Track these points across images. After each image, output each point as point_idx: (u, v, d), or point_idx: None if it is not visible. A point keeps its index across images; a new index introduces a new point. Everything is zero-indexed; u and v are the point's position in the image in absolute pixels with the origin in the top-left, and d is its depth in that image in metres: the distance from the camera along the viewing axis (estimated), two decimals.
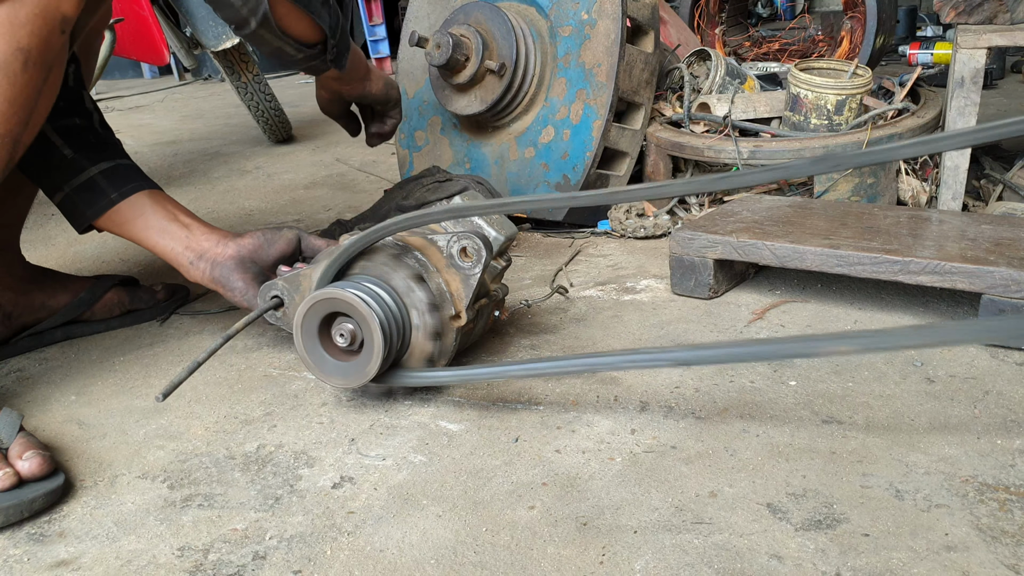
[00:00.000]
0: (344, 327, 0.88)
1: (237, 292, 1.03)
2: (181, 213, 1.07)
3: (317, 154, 2.46)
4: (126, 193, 1.04)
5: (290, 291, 0.96)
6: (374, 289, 0.89)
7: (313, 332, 0.89)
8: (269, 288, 0.97)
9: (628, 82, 1.51)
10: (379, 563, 0.68)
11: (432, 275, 0.91)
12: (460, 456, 0.83)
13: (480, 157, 1.61)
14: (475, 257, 0.90)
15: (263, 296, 0.98)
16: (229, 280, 1.03)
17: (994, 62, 2.77)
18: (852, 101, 1.47)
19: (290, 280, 0.96)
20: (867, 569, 0.64)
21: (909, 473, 0.75)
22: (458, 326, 0.92)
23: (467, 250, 0.90)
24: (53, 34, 0.82)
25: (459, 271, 0.91)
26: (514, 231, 0.99)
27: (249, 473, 0.82)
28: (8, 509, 0.74)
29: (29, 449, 0.79)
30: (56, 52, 0.84)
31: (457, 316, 0.91)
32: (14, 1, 0.78)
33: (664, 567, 0.65)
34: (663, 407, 0.89)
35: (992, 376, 0.92)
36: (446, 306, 0.91)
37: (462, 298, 0.91)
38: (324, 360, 0.90)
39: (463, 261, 0.91)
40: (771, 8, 3.12)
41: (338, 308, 0.88)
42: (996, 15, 1.29)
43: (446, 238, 0.92)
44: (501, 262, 1.02)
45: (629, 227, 1.48)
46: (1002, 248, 1.02)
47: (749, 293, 1.19)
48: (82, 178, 1.04)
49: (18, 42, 0.79)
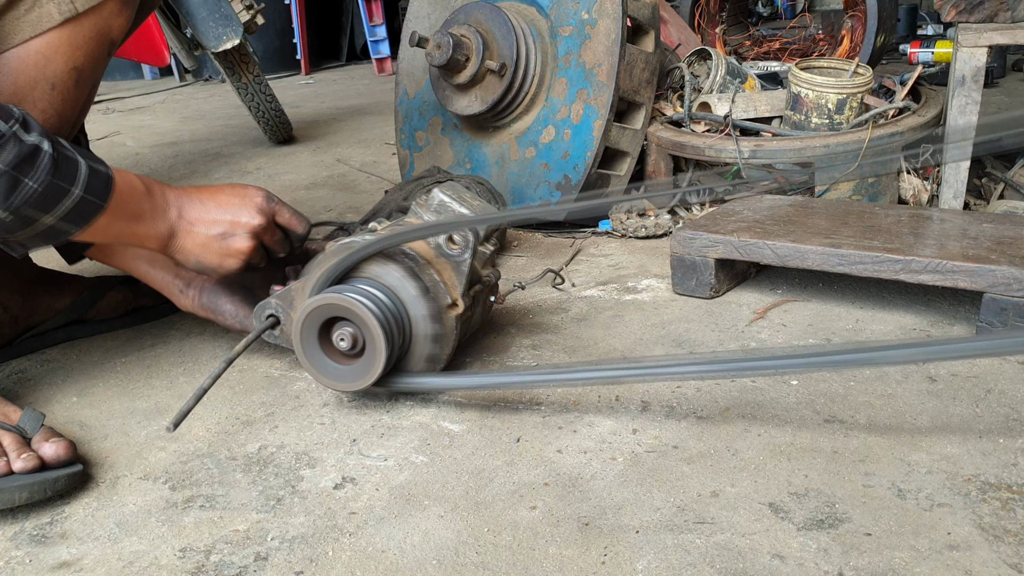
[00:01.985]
0: (345, 331, 0.87)
1: (228, 316, 1.03)
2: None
3: (318, 155, 2.45)
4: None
5: (284, 308, 0.95)
6: (371, 291, 0.89)
7: (313, 339, 0.89)
8: (263, 308, 0.96)
9: (629, 82, 1.51)
10: (381, 564, 0.68)
11: (423, 267, 0.91)
12: (462, 456, 0.83)
13: (481, 157, 1.61)
14: (462, 243, 0.91)
15: (258, 316, 0.97)
16: (218, 305, 1.03)
17: (995, 60, 2.77)
18: (853, 100, 1.47)
19: (283, 296, 0.95)
20: (869, 568, 0.64)
21: (911, 472, 0.75)
22: (456, 314, 0.91)
23: (453, 237, 0.91)
24: (102, 55, 0.89)
25: (449, 259, 0.91)
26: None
27: (251, 474, 0.82)
28: (33, 486, 0.78)
29: (52, 436, 0.83)
30: (101, 72, 0.92)
31: (454, 304, 0.91)
32: (75, 24, 0.85)
33: (666, 567, 0.65)
34: (664, 407, 0.89)
35: (994, 375, 0.91)
36: (441, 296, 0.91)
37: (456, 285, 0.91)
38: (327, 365, 0.90)
39: (451, 249, 0.91)
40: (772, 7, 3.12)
41: (336, 313, 0.87)
42: (997, 13, 1.28)
43: None
44: (488, 247, 1.02)
45: (630, 227, 1.48)
46: (1004, 247, 1.02)
47: (750, 292, 1.19)
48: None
49: (74, 62, 0.87)
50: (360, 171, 2.20)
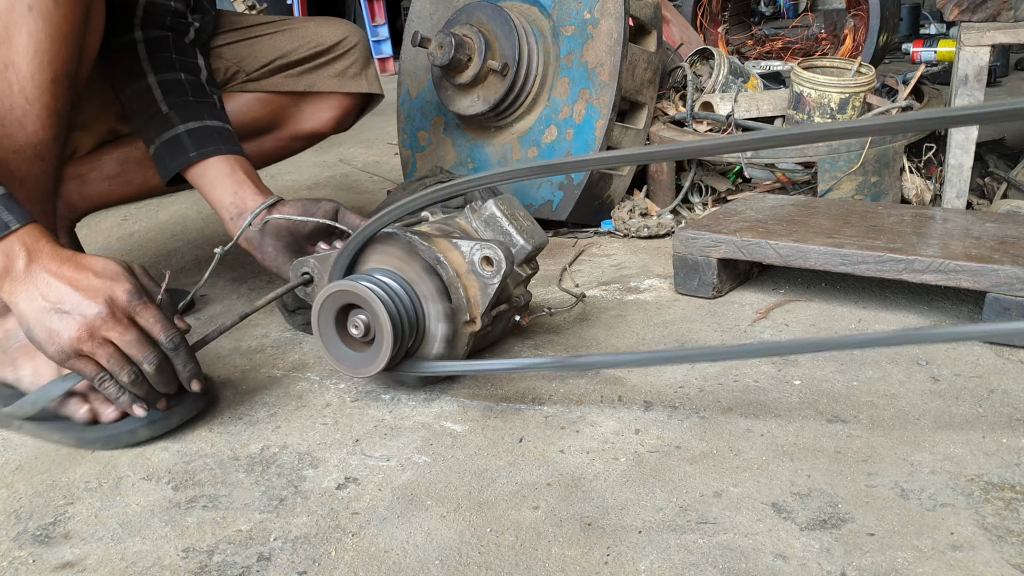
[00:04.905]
0: (358, 319, 0.90)
1: (267, 256, 1.08)
2: (244, 174, 1.11)
3: (320, 155, 2.46)
4: (205, 154, 1.10)
5: (320, 270, 0.99)
6: (389, 284, 0.91)
7: (330, 322, 0.92)
8: (301, 264, 1.00)
9: (631, 81, 1.51)
10: (384, 564, 0.68)
11: (452, 279, 0.91)
12: (464, 456, 0.83)
13: (483, 157, 1.61)
14: (495, 267, 0.90)
15: (295, 272, 1.01)
16: (262, 244, 1.08)
17: (998, 59, 2.76)
18: (855, 99, 1.47)
19: (322, 260, 0.99)
20: (872, 568, 0.64)
21: (914, 472, 0.75)
22: (471, 331, 0.93)
23: (489, 259, 0.91)
24: None
25: (479, 278, 0.91)
26: (544, 240, 1.00)
27: (253, 474, 0.82)
28: (182, 409, 0.89)
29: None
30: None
31: (472, 321, 0.92)
32: None
33: (669, 567, 0.65)
34: (667, 407, 0.89)
35: (997, 375, 0.91)
36: (461, 311, 0.92)
37: (478, 305, 0.92)
38: (340, 348, 0.93)
39: (484, 270, 0.91)
40: (774, 6, 3.11)
41: (352, 300, 0.90)
42: (999, 13, 1.28)
43: (469, 245, 0.92)
44: (527, 269, 1.02)
45: (632, 227, 1.47)
46: (1007, 246, 1.02)
47: (753, 292, 1.19)
48: (170, 134, 1.10)
49: None
50: (363, 171, 2.20)
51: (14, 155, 0.88)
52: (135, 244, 1.66)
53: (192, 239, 1.66)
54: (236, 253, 1.32)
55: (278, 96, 1.30)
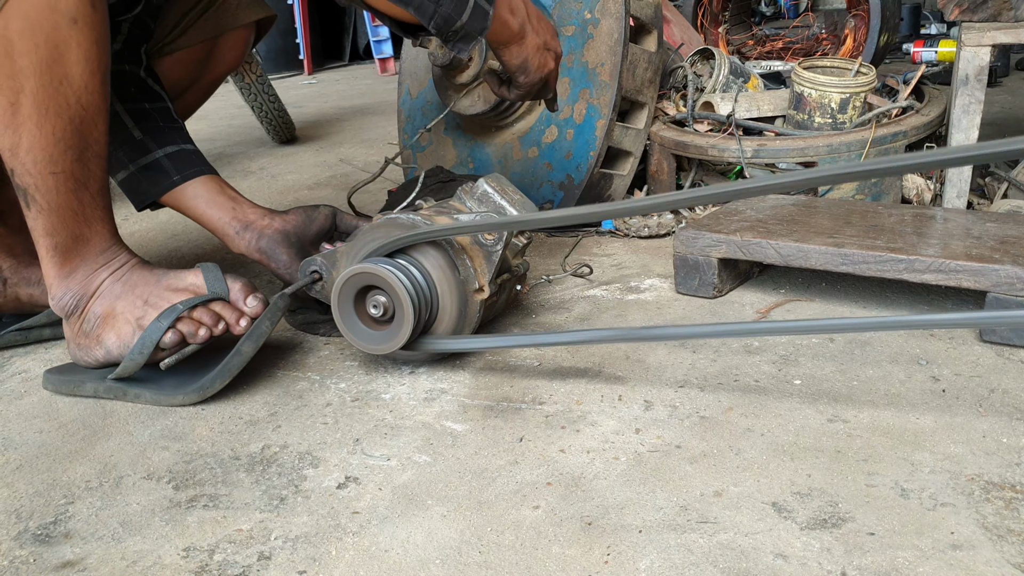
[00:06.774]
0: (377, 299, 0.95)
1: (282, 265, 1.11)
2: (233, 192, 1.16)
3: (321, 155, 2.46)
4: (188, 176, 1.13)
5: (328, 267, 1.03)
6: (405, 266, 0.96)
7: (349, 302, 0.96)
8: (309, 264, 1.05)
9: (631, 81, 1.51)
10: (384, 563, 0.68)
11: (458, 252, 0.97)
12: (465, 456, 0.83)
13: (483, 157, 1.61)
14: (496, 235, 0.97)
15: (303, 271, 1.05)
16: (275, 253, 1.11)
17: (999, 59, 2.76)
18: (856, 99, 1.47)
19: (328, 257, 1.04)
20: (872, 568, 0.64)
21: (914, 472, 0.75)
22: (481, 299, 0.98)
23: None
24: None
25: (482, 248, 0.98)
26: (535, 209, 1.06)
27: (254, 474, 0.82)
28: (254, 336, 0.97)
29: (249, 292, 0.99)
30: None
31: (480, 290, 0.98)
32: None
33: (669, 566, 0.65)
34: (667, 406, 0.89)
35: (997, 374, 0.91)
36: (470, 280, 0.98)
37: (485, 273, 0.98)
38: (358, 327, 0.97)
39: (485, 239, 0.97)
40: (775, 6, 3.11)
41: (373, 282, 0.94)
42: (1000, 12, 1.28)
43: (470, 217, 1.00)
44: (522, 239, 1.09)
45: (633, 226, 1.48)
46: (1007, 246, 1.02)
47: (753, 292, 1.19)
48: (148, 159, 1.13)
49: None
50: (363, 171, 2.20)
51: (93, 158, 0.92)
52: (135, 244, 1.66)
53: (192, 239, 1.66)
54: (240, 264, 1.38)
55: (195, 48, 1.30)
